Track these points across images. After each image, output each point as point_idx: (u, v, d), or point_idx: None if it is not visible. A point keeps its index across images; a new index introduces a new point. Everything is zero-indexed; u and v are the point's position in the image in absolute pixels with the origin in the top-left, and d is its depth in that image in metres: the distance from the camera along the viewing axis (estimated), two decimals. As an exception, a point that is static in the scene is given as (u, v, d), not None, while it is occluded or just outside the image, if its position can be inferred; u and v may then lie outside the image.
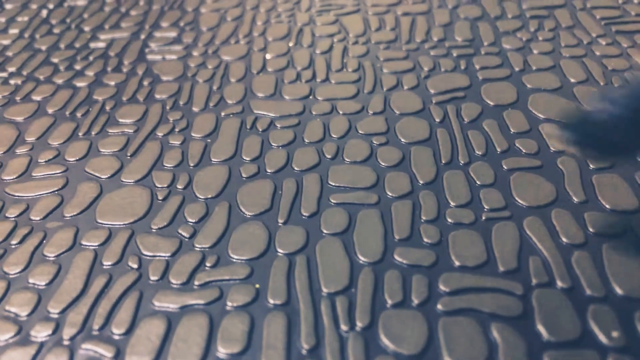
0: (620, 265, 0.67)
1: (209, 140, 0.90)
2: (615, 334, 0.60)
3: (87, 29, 1.24)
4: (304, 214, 0.75)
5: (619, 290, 0.64)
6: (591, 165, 0.80)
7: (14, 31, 1.25)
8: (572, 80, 0.98)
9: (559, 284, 0.65)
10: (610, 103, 0.66)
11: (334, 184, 0.79)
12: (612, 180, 0.78)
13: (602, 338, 0.60)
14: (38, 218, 0.78)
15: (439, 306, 0.64)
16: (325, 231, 0.73)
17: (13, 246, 0.74)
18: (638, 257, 0.68)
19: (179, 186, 0.81)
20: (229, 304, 0.65)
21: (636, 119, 0.66)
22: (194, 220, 0.76)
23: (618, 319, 0.61)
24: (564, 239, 0.70)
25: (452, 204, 0.75)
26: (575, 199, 0.75)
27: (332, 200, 0.77)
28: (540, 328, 0.61)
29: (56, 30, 1.25)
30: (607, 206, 0.74)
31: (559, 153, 0.83)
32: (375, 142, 0.87)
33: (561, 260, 0.68)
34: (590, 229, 0.71)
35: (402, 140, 0.87)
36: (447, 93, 0.96)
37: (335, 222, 0.74)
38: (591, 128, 0.67)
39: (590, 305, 0.63)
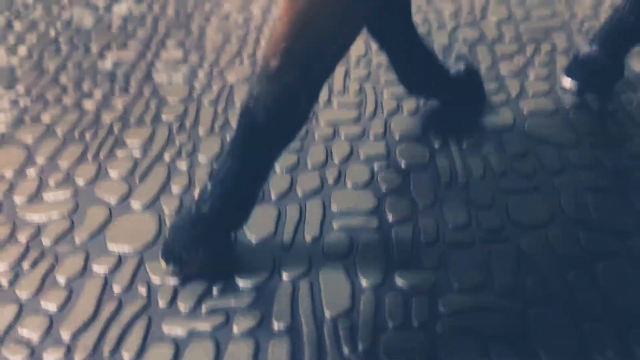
0: (616, 284, 0.69)
1: (215, 166, 0.92)
2: (611, 352, 0.62)
3: (94, 49, 1.27)
4: (307, 238, 0.78)
5: (615, 309, 0.66)
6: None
7: (22, 51, 1.28)
8: (567, 105, 1.00)
9: (556, 303, 0.67)
10: None
11: (336, 209, 0.82)
12: (608, 201, 0.80)
13: (598, 356, 0.62)
14: (49, 242, 0.80)
15: (439, 327, 0.66)
16: (327, 255, 0.75)
17: (25, 270, 0.77)
18: (634, 276, 0.70)
19: (186, 210, 0.83)
20: (235, 328, 0.67)
21: None
22: (200, 245, 0.78)
23: (614, 337, 0.63)
24: (560, 259, 0.72)
25: (451, 226, 0.78)
26: (571, 219, 0.77)
27: (334, 225, 0.79)
28: (538, 347, 0.63)
29: (64, 50, 1.27)
30: (603, 226, 0.76)
31: (555, 175, 0.85)
32: (376, 166, 0.89)
33: (558, 280, 0.70)
34: (587, 249, 0.73)
35: (402, 164, 0.89)
36: (447, 116, 0.98)
37: (338, 247, 0.76)
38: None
39: (587, 324, 0.65)
